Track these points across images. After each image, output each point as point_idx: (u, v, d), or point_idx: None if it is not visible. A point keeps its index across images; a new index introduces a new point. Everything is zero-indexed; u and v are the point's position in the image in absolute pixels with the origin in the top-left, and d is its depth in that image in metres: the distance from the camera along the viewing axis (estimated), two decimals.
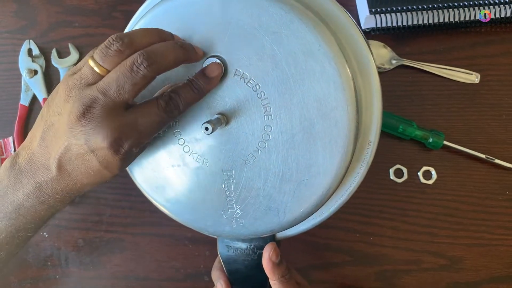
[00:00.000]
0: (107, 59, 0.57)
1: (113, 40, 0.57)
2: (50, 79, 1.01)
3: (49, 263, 0.98)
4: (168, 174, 0.70)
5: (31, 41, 1.00)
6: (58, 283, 0.97)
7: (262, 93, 0.63)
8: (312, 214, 0.67)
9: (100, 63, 0.57)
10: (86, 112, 0.56)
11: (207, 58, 0.65)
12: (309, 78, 0.61)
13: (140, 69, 0.56)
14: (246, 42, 0.63)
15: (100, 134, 0.56)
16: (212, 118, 0.64)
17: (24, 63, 1.00)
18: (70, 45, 1.00)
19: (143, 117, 0.59)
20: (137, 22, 0.69)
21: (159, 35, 0.61)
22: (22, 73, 1.00)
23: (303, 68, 0.61)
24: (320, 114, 0.62)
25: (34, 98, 1.01)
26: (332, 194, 0.65)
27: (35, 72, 1.00)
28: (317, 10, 0.65)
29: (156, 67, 0.57)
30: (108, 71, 0.57)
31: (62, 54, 1.01)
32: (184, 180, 0.70)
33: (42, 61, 1.01)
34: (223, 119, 0.65)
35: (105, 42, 0.57)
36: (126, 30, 0.74)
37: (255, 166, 0.66)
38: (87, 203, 0.98)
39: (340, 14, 0.66)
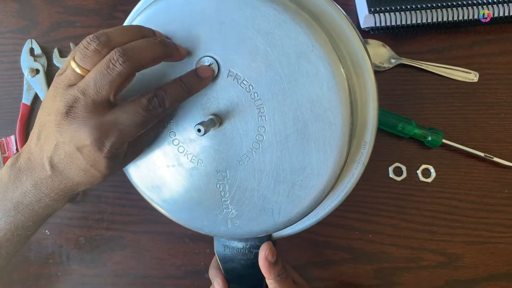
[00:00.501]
0: (86, 59, 0.57)
1: (90, 40, 0.57)
2: (52, 78, 0.99)
3: (50, 261, 0.98)
4: (164, 174, 0.71)
5: (33, 40, 1.01)
6: (59, 281, 0.98)
7: (256, 94, 0.63)
8: (306, 215, 0.67)
9: (81, 64, 0.57)
10: (68, 111, 0.57)
11: (201, 58, 0.65)
12: (303, 79, 0.61)
13: (116, 66, 0.56)
14: (239, 42, 0.63)
15: (82, 132, 0.57)
16: (205, 119, 0.64)
17: (26, 62, 1.01)
18: (71, 45, 1.00)
19: (124, 115, 0.58)
20: (132, 21, 0.68)
21: (139, 32, 0.61)
22: (24, 72, 1.00)
23: (296, 69, 0.61)
24: (314, 115, 0.62)
25: (36, 97, 1.01)
26: (326, 196, 0.66)
27: (37, 71, 1.00)
28: (312, 9, 0.65)
29: (132, 63, 0.57)
30: (89, 71, 0.58)
31: (63, 54, 1.01)
32: (179, 180, 0.70)
33: (44, 60, 1.01)
34: (217, 120, 0.65)
35: (83, 42, 0.57)
36: None
37: (249, 167, 0.66)
38: (88, 201, 0.99)
39: (336, 14, 0.66)
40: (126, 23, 0.74)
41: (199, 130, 0.60)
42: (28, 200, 0.66)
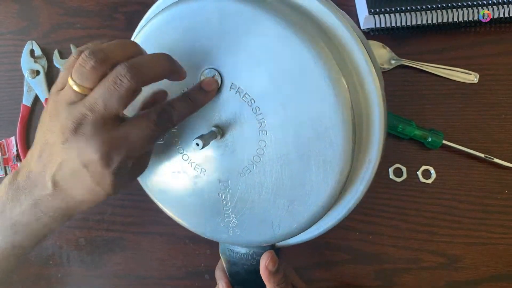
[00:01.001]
0: (85, 78, 0.56)
1: (86, 57, 0.55)
2: (52, 80, 1.01)
3: (51, 262, 0.99)
4: (169, 180, 0.72)
5: (33, 42, 1.01)
6: (60, 282, 0.98)
7: (257, 109, 0.63)
8: (306, 229, 0.68)
9: (79, 83, 0.56)
10: (77, 128, 0.56)
11: (205, 70, 0.65)
12: (304, 95, 0.60)
13: (124, 82, 0.55)
14: (242, 56, 0.62)
15: (91, 147, 0.56)
16: (205, 133, 0.65)
17: (26, 63, 1.01)
18: (71, 46, 1.00)
19: (134, 130, 0.58)
20: (137, 34, 0.69)
21: (136, 48, 0.60)
22: (24, 73, 1.00)
23: (298, 85, 0.60)
24: (315, 133, 0.61)
25: (36, 99, 1.02)
26: (325, 213, 0.66)
27: (37, 72, 1.00)
28: (319, 22, 0.63)
29: (139, 79, 0.56)
30: (90, 89, 0.57)
31: (64, 55, 1.01)
32: (184, 187, 0.71)
33: (44, 61, 1.01)
34: (218, 132, 0.65)
35: (79, 60, 0.56)
36: None
37: (250, 179, 0.66)
38: None
39: (343, 28, 0.63)
40: (132, 38, 0.74)
41: (197, 144, 0.61)
42: (27, 219, 0.65)
